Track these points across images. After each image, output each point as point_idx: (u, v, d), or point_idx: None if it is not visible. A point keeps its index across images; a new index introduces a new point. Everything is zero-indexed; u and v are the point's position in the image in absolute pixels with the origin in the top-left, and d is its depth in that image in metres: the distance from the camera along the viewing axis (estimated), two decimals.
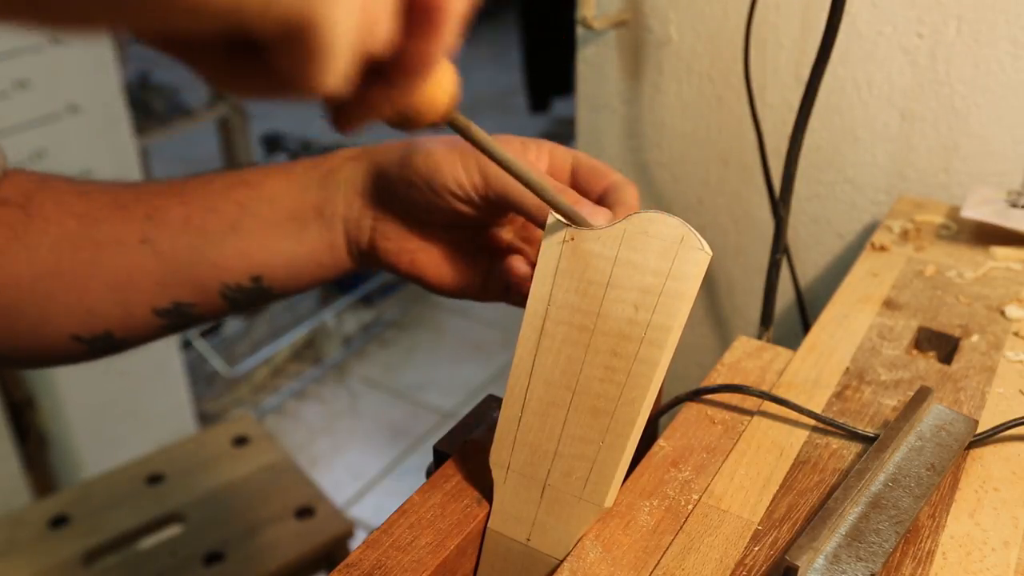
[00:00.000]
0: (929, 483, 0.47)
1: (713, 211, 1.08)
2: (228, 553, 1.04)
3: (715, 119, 1.03)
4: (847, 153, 0.96)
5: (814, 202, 1.01)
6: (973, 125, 0.89)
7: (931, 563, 0.43)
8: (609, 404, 0.44)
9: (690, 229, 0.42)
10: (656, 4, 1.00)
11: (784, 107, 0.97)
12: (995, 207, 0.76)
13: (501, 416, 0.47)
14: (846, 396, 0.56)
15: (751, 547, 0.45)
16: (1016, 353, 0.60)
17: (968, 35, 0.85)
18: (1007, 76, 0.85)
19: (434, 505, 0.48)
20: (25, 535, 1.10)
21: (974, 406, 0.55)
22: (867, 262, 0.73)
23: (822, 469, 0.50)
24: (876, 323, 0.64)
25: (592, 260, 0.44)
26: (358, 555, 0.45)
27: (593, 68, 1.08)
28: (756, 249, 1.07)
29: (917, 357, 0.61)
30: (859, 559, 0.42)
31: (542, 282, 0.45)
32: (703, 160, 1.06)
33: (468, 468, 0.50)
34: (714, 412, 0.54)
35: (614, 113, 1.10)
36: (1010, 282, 0.70)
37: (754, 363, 0.59)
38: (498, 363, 2.29)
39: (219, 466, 1.20)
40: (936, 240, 0.77)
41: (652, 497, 0.48)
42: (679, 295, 0.42)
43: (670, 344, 0.42)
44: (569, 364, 0.45)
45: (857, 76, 0.92)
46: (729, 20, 0.97)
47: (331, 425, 2.12)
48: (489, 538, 0.48)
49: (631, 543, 0.45)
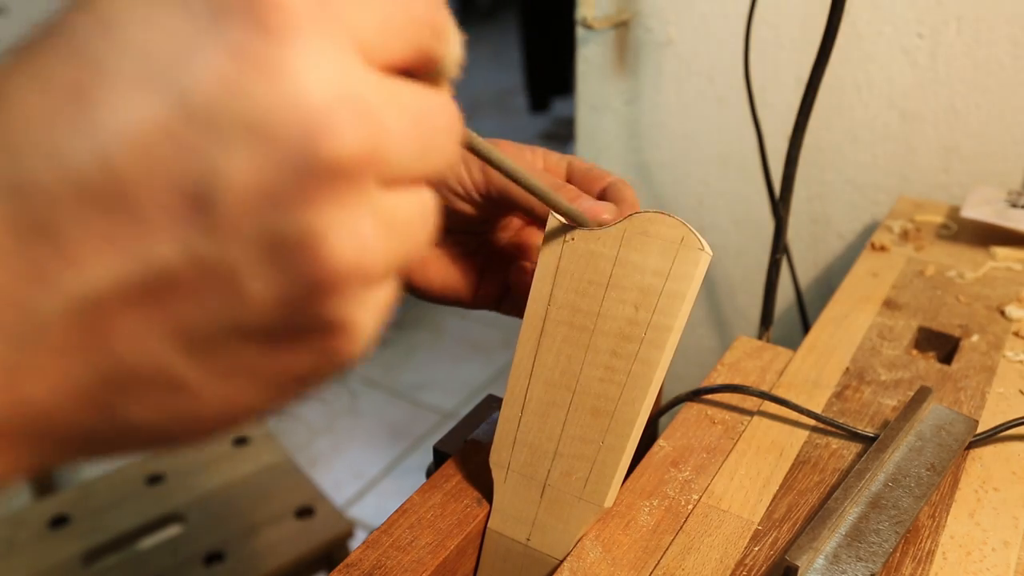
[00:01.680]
0: (929, 483, 0.47)
1: (713, 211, 1.08)
2: (228, 553, 1.04)
3: (715, 119, 1.03)
4: (847, 153, 0.96)
5: (814, 202, 1.01)
6: (973, 125, 0.89)
7: (931, 563, 0.43)
8: (609, 404, 0.44)
9: (690, 229, 0.42)
10: (656, 4, 1.00)
11: (784, 107, 0.97)
12: (995, 207, 0.76)
13: (501, 416, 0.47)
14: (846, 396, 0.56)
15: (751, 547, 0.45)
16: (1016, 353, 0.60)
17: (968, 35, 0.85)
18: (1007, 76, 0.85)
19: (434, 505, 0.48)
20: (25, 535, 1.10)
21: (974, 406, 0.55)
22: (867, 262, 0.73)
23: (822, 469, 0.50)
24: (876, 323, 0.64)
25: (592, 260, 0.44)
26: (358, 555, 0.45)
27: (593, 68, 1.08)
28: (756, 249, 1.07)
29: (917, 357, 0.61)
30: (859, 559, 0.42)
31: (542, 282, 0.45)
32: (703, 160, 1.06)
33: (468, 468, 0.50)
34: (714, 412, 0.54)
35: (614, 113, 1.10)
36: (1010, 282, 0.70)
37: (754, 363, 0.59)
38: (498, 363, 2.29)
39: (219, 466, 1.20)
40: (936, 240, 0.77)
41: (652, 497, 0.48)
42: (679, 295, 0.42)
43: (670, 344, 0.42)
44: (569, 364, 0.45)
45: (857, 76, 0.92)
46: (729, 20, 0.97)
47: (331, 425, 2.12)
48: (489, 538, 0.48)
49: (631, 543, 0.45)
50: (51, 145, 0.18)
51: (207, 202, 0.19)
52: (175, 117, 0.18)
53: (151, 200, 0.18)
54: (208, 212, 0.19)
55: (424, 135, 0.21)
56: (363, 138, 0.19)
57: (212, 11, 0.19)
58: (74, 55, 0.18)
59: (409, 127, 0.20)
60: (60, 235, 0.18)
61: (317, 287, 0.20)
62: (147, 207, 0.18)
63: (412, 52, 0.21)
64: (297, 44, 0.19)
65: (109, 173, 0.18)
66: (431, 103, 0.21)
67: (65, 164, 0.18)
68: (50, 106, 0.18)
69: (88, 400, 0.20)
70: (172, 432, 0.22)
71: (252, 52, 0.18)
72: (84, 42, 0.19)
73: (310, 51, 0.19)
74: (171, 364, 0.20)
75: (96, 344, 0.19)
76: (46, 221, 0.18)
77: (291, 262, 0.19)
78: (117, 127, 0.18)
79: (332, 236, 0.19)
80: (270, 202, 0.19)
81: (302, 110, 0.19)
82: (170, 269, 0.19)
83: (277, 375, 0.22)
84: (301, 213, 0.19)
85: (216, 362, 0.21)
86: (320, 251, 0.19)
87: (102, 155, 0.18)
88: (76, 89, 0.18)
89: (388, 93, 0.20)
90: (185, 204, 0.19)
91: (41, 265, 0.18)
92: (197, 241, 0.19)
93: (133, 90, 0.18)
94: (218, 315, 0.20)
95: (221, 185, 0.19)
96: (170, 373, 0.20)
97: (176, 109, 0.18)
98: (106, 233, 0.19)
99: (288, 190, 0.19)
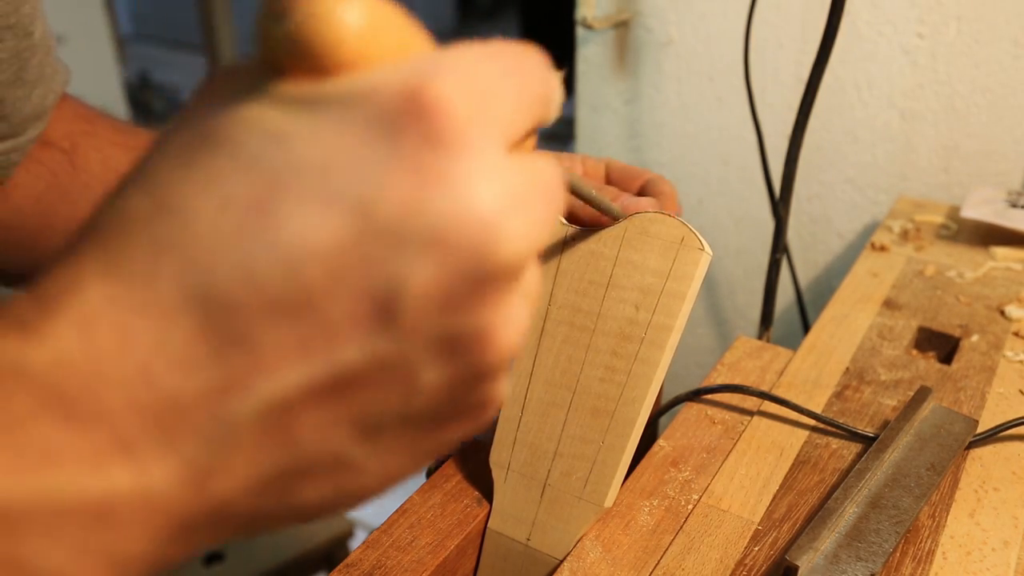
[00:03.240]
0: (929, 483, 0.47)
1: (713, 211, 1.08)
2: (228, 553, 1.04)
3: (715, 119, 1.03)
4: (847, 153, 0.96)
5: (814, 202, 1.01)
6: (973, 125, 0.89)
7: (931, 563, 0.43)
8: (609, 404, 0.44)
9: (690, 229, 0.42)
10: (656, 4, 1.00)
11: (784, 107, 0.97)
12: (995, 207, 0.76)
13: (501, 416, 0.47)
14: (846, 396, 0.56)
15: (751, 547, 0.45)
16: (1016, 353, 0.60)
17: (968, 35, 0.85)
18: (1007, 76, 0.85)
19: (434, 505, 0.48)
20: None
21: (974, 406, 0.55)
22: (867, 262, 0.73)
23: (822, 469, 0.50)
24: (876, 323, 0.64)
25: (593, 260, 0.44)
26: (358, 555, 0.45)
27: (593, 68, 1.08)
28: (756, 249, 1.07)
29: (917, 357, 0.61)
30: (859, 559, 0.42)
31: (542, 282, 0.45)
32: (703, 160, 1.06)
33: (468, 468, 0.50)
34: (714, 412, 0.54)
35: (614, 113, 1.10)
36: (1010, 282, 0.70)
37: (754, 363, 0.59)
38: None
39: None
40: (936, 240, 0.77)
41: (652, 497, 0.48)
42: (679, 295, 0.42)
43: (670, 344, 0.42)
44: (569, 364, 0.45)
45: (857, 76, 0.92)
46: (729, 20, 0.97)
47: None
48: (489, 538, 0.48)
49: (631, 543, 0.45)
50: (239, 258, 0.19)
51: (391, 309, 0.20)
52: (359, 230, 0.19)
53: (339, 308, 0.19)
54: (392, 318, 0.20)
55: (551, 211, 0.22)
56: (529, 238, 0.20)
57: (383, 124, 0.19)
58: (250, 172, 0.19)
59: (546, 210, 0.21)
60: (253, 344, 0.19)
61: (486, 374, 0.22)
62: (335, 315, 0.19)
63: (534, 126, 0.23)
64: (466, 154, 0.19)
65: (298, 284, 0.19)
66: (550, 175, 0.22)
67: (254, 276, 0.19)
68: (233, 221, 0.19)
69: (267, 489, 0.21)
70: (334, 505, 0.23)
71: (427, 165, 0.19)
72: (256, 157, 0.19)
73: (478, 160, 0.19)
74: (347, 451, 0.21)
75: (282, 441, 0.20)
76: (239, 331, 0.19)
77: (465, 357, 0.21)
78: (304, 241, 0.19)
79: (500, 330, 0.21)
80: (449, 306, 0.20)
81: (478, 220, 0.19)
82: (354, 370, 0.20)
83: (431, 447, 0.23)
84: (477, 313, 0.20)
85: (384, 443, 0.22)
86: (491, 344, 0.21)
87: (291, 267, 0.19)
88: (258, 204, 0.19)
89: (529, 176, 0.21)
90: (370, 311, 0.19)
91: (235, 373, 0.19)
92: (380, 344, 0.20)
93: (315, 204, 0.19)
94: (393, 406, 0.21)
95: (405, 293, 0.19)
96: (344, 458, 0.22)
97: (360, 222, 0.19)
98: (296, 340, 0.19)
99: (466, 293, 0.20)
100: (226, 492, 0.20)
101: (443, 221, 0.19)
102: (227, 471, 0.20)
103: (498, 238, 0.20)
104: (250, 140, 0.19)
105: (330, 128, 0.19)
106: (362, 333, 0.20)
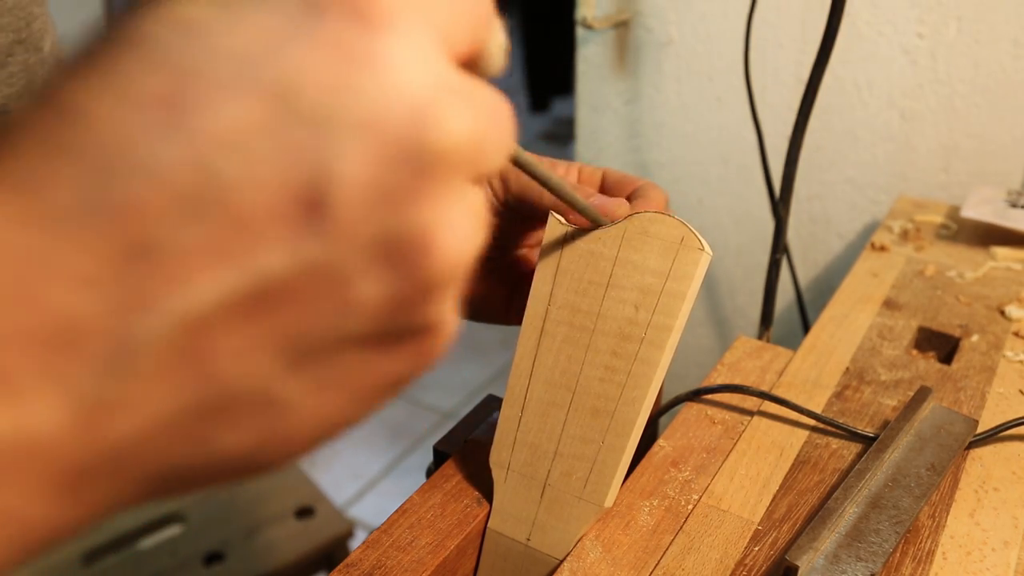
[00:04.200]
0: (929, 483, 0.47)
1: (713, 211, 1.08)
2: (228, 553, 1.04)
3: (715, 119, 1.03)
4: (847, 153, 0.96)
5: (814, 202, 1.01)
6: (973, 125, 0.89)
7: (931, 563, 0.43)
8: (609, 404, 0.44)
9: (690, 229, 0.42)
10: (656, 4, 1.00)
11: (784, 107, 0.97)
12: (995, 207, 0.76)
13: (501, 416, 0.47)
14: (846, 396, 0.56)
15: (751, 547, 0.45)
16: (1016, 353, 0.60)
17: (968, 35, 0.85)
18: (1007, 76, 0.85)
19: (434, 505, 0.48)
20: None
21: (974, 406, 0.55)
22: (867, 262, 0.73)
23: (822, 469, 0.50)
24: (876, 323, 0.64)
25: (593, 260, 0.44)
26: (358, 555, 0.45)
27: (593, 68, 1.08)
28: (756, 249, 1.07)
29: (917, 357, 0.61)
30: (859, 559, 0.42)
31: (542, 282, 0.45)
32: (703, 160, 1.06)
33: (468, 468, 0.50)
34: (714, 412, 0.54)
35: (614, 113, 1.10)
36: (1010, 282, 0.70)
37: (754, 363, 0.59)
38: (498, 363, 2.29)
39: None
40: (936, 240, 0.77)
41: (652, 497, 0.48)
42: (679, 295, 0.42)
43: (670, 344, 0.42)
44: (569, 364, 0.45)
45: (857, 76, 0.92)
46: (729, 20, 0.97)
47: None
48: (489, 538, 0.48)
49: (631, 543, 0.45)
50: (148, 160, 0.17)
51: (319, 203, 0.17)
52: (276, 115, 0.17)
53: (257, 205, 0.17)
54: (321, 214, 0.18)
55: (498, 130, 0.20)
56: (468, 127, 0.18)
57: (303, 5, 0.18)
58: (159, 66, 0.17)
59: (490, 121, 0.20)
60: (163, 253, 0.17)
61: (427, 286, 0.19)
62: (253, 212, 0.17)
63: (473, 45, 0.21)
64: (395, 35, 0.18)
65: (210, 180, 0.17)
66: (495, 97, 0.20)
67: (164, 177, 0.17)
68: (142, 120, 0.17)
69: (180, 432, 0.18)
70: (261, 458, 0.20)
71: (350, 44, 0.17)
72: (168, 52, 0.17)
73: (408, 42, 0.18)
74: (272, 382, 0.19)
75: (195, 369, 0.18)
76: (148, 240, 0.17)
77: (404, 262, 0.19)
78: (214, 131, 0.17)
79: (441, 233, 0.19)
80: (385, 199, 0.18)
81: (410, 101, 0.18)
82: (280, 278, 0.18)
83: (372, 383, 0.21)
84: (415, 209, 0.18)
85: (314, 375, 0.19)
86: (432, 248, 0.19)
87: (201, 162, 0.17)
88: (167, 99, 0.17)
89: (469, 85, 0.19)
90: (295, 207, 0.17)
91: (141, 289, 0.17)
92: (309, 245, 0.18)
93: (227, 92, 0.17)
94: (325, 324, 0.19)
95: (334, 184, 0.17)
96: (270, 392, 0.19)
97: (276, 107, 0.17)
98: (212, 245, 0.17)
99: (402, 184, 0.18)
100: (127, 433, 0.18)
101: (371, 102, 0.17)
102: (128, 407, 0.17)
103: (434, 122, 0.18)
104: (163, 34, 0.17)
105: (249, 15, 0.18)
106: (286, 233, 0.17)
